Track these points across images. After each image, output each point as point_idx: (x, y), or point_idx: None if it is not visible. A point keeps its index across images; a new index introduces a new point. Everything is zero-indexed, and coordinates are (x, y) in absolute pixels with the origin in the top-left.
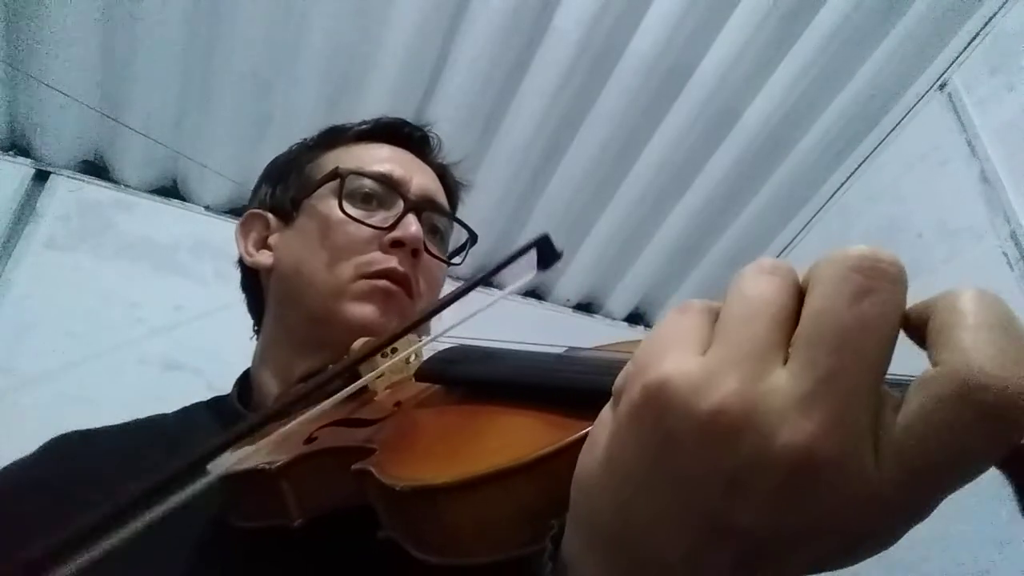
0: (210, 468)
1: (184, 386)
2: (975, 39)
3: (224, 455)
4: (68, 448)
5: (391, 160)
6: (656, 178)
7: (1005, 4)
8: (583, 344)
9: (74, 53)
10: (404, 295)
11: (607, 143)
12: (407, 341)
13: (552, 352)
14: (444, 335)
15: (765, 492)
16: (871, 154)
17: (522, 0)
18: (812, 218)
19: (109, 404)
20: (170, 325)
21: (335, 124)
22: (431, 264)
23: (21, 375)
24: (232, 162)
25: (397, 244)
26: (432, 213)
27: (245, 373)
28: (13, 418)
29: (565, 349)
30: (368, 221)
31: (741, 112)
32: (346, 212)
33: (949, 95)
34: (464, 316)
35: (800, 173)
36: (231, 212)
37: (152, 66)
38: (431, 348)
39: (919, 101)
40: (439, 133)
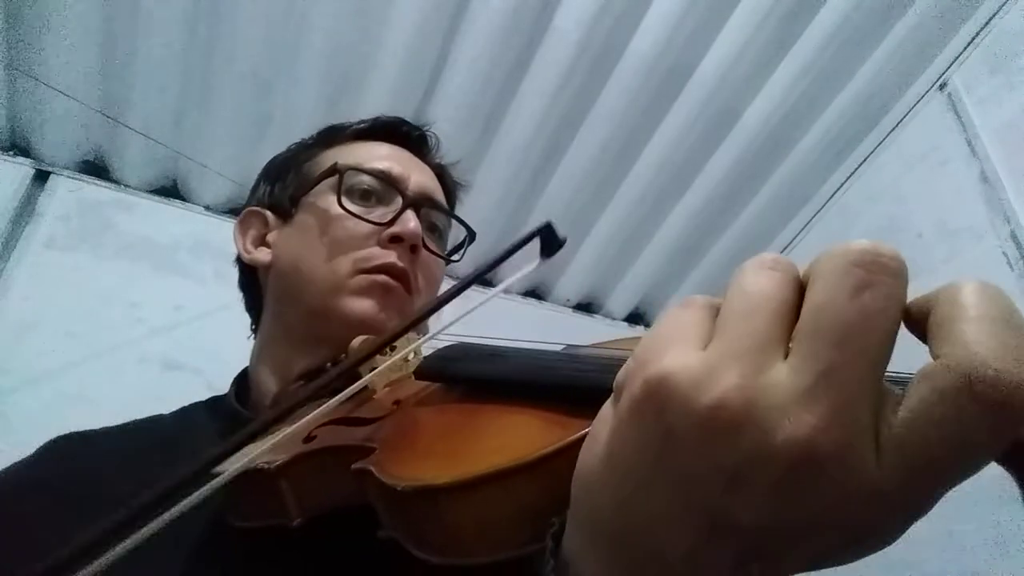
0: (217, 472)
1: (184, 386)
2: (975, 39)
3: (231, 459)
4: (68, 449)
5: (390, 158)
6: (656, 178)
7: (1005, 4)
8: (582, 344)
9: (74, 53)
10: (403, 290)
11: (607, 143)
12: (406, 339)
13: (553, 350)
14: (443, 332)
15: (765, 487)
16: (871, 154)
17: (522, 0)
18: (812, 218)
19: (109, 404)
20: (170, 325)
21: (334, 123)
22: (430, 261)
23: (21, 375)
24: (232, 162)
25: (396, 240)
26: (431, 210)
27: (243, 372)
28: (13, 418)
29: (563, 347)
30: (367, 217)
31: (741, 112)
32: (345, 207)
33: (949, 95)
34: (463, 313)
35: (800, 173)
36: (231, 212)
37: (152, 66)
38: (429, 346)
39: (919, 101)
40: (439, 133)
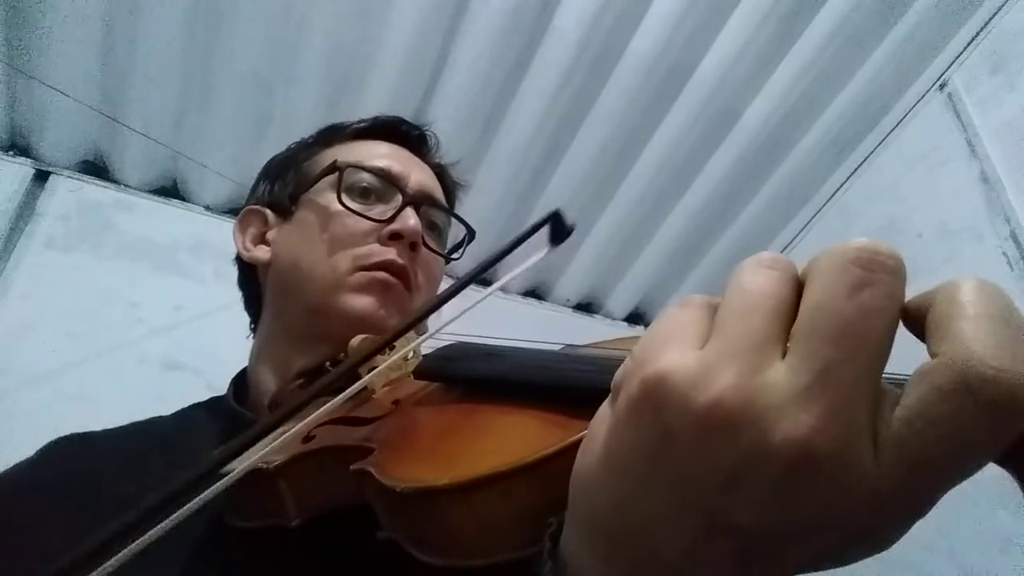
0: (222, 474)
1: (184, 386)
2: (975, 39)
3: (235, 461)
4: (68, 450)
5: (389, 156)
6: (656, 178)
7: (1005, 4)
8: (582, 344)
9: (74, 53)
10: (402, 288)
11: (607, 143)
12: (405, 338)
13: (552, 350)
14: (442, 331)
15: (763, 487)
16: (871, 154)
17: (522, 0)
18: (812, 218)
19: (109, 404)
20: (170, 325)
21: (334, 123)
22: (429, 259)
23: (21, 375)
24: (232, 162)
25: (395, 237)
26: (430, 208)
27: (241, 372)
28: (13, 418)
29: (562, 346)
30: (366, 214)
31: (741, 112)
32: (345, 204)
33: (949, 95)
34: (461, 311)
35: (800, 173)
36: (231, 212)
37: (152, 66)
38: (429, 345)
39: (919, 101)
40: (439, 133)
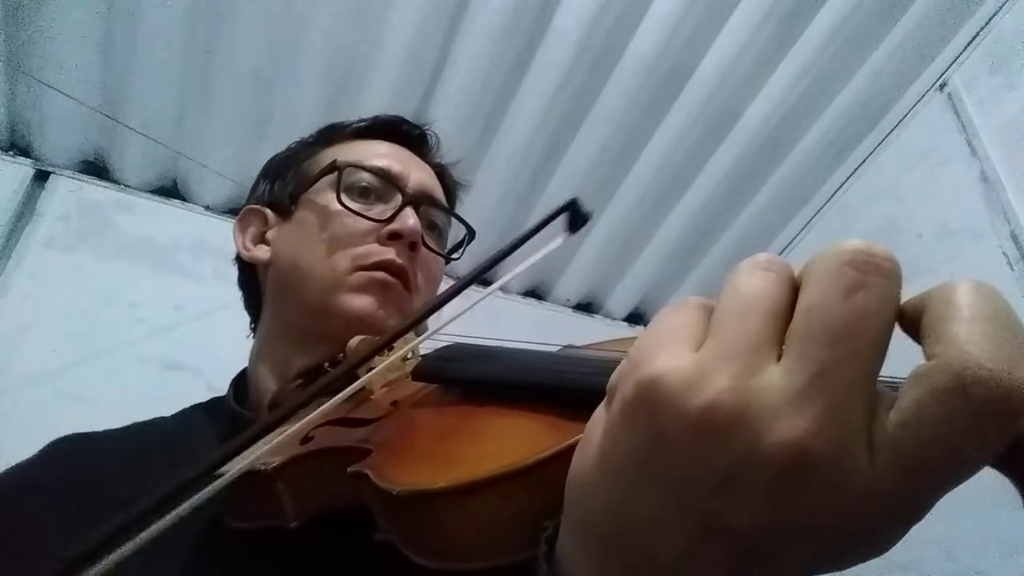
0: (218, 475)
1: (184, 386)
2: (975, 39)
3: (232, 462)
4: (68, 450)
5: (389, 156)
6: (656, 178)
7: (1005, 4)
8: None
9: (74, 53)
10: (401, 288)
11: (607, 143)
12: (403, 339)
13: (551, 351)
14: (441, 332)
15: (758, 489)
16: (871, 154)
17: (522, 0)
18: (812, 218)
19: (108, 404)
20: (170, 325)
21: (334, 122)
22: (429, 259)
23: (21, 375)
24: (232, 162)
25: (395, 237)
26: (430, 208)
27: (241, 373)
28: (13, 418)
29: (560, 347)
30: (366, 214)
31: (741, 112)
32: (344, 204)
33: (949, 95)
34: (462, 310)
35: (800, 173)
36: (231, 212)
37: (152, 66)
38: (428, 346)
39: (919, 101)
40: (439, 133)
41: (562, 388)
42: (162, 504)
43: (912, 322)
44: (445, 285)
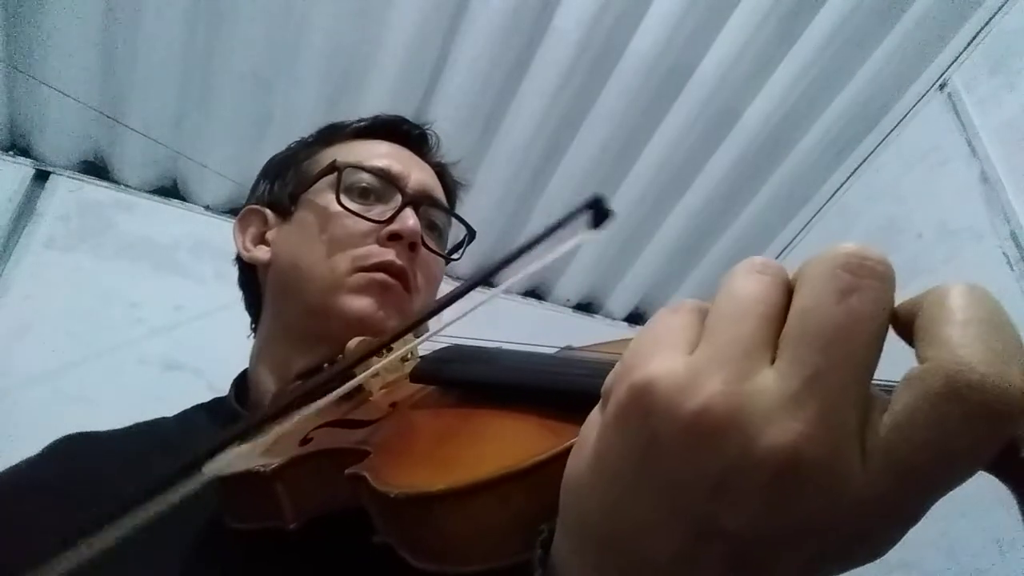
0: (205, 469)
1: (184, 386)
2: (975, 39)
3: (220, 455)
4: (71, 449)
5: (389, 156)
6: (656, 178)
7: (1005, 4)
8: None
9: (74, 53)
10: (401, 289)
11: (607, 143)
12: (402, 340)
13: (550, 353)
14: (441, 332)
15: (751, 493)
16: (871, 154)
17: (522, 0)
18: (812, 218)
19: (108, 404)
20: (170, 325)
21: (334, 122)
22: (429, 259)
23: (21, 375)
24: (232, 162)
25: (395, 237)
26: (430, 208)
27: (242, 373)
28: (13, 418)
29: (560, 348)
30: (366, 215)
31: (741, 112)
32: (343, 205)
33: (949, 95)
34: (464, 311)
35: (800, 173)
36: (231, 212)
37: (152, 66)
38: (428, 346)
39: (919, 101)
40: (439, 133)
41: (559, 391)
42: (145, 498)
43: (906, 325)
44: (445, 285)
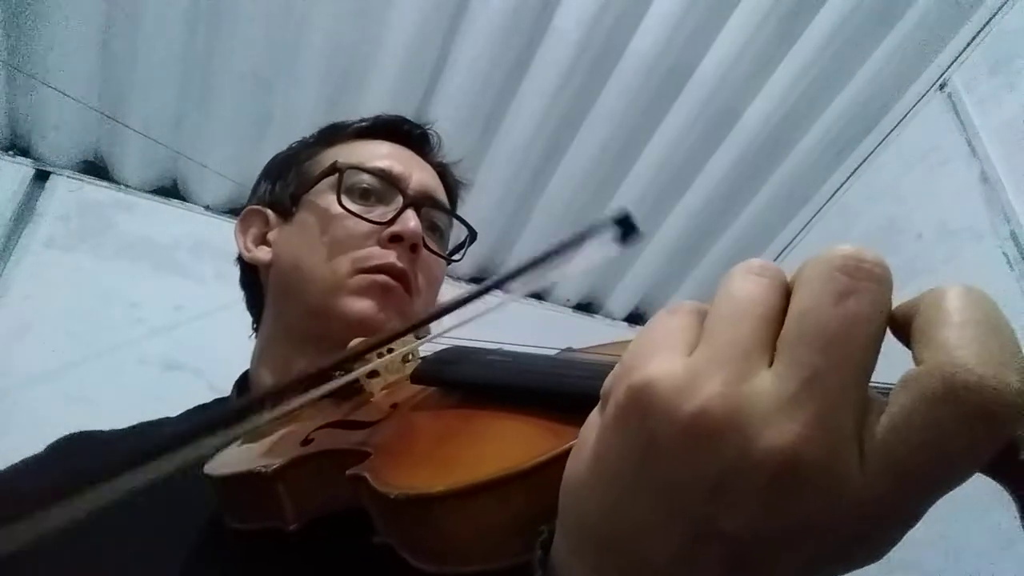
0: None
1: (184, 386)
2: (975, 39)
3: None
4: (73, 448)
5: (390, 156)
6: (656, 178)
7: (1005, 4)
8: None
9: (74, 53)
10: (402, 291)
11: (607, 143)
12: (402, 340)
13: (550, 355)
14: (443, 335)
15: (749, 495)
16: (871, 154)
17: (522, 0)
18: (812, 218)
19: (109, 404)
20: (170, 325)
21: (335, 122)
22: (430, 260)
23: (21, 375)
24: (232, 162)
25: (396, 239)
26: (431, 209)
27: (244, 374)
28: (13, 418)
29: (560, 349)
30: (367, 216)
31: (741, 112)
32: (344, 206)
33: (949, 95)
34: (467, 317)
35: (800, 173)
36: (231, 212)
37: (152, 66)
38: (428, 347)
39: (919, 101)
40: (439, 132)
41: (559, 392)
42: (145, 456)
43: (903, 327)
44: (445, 285)
